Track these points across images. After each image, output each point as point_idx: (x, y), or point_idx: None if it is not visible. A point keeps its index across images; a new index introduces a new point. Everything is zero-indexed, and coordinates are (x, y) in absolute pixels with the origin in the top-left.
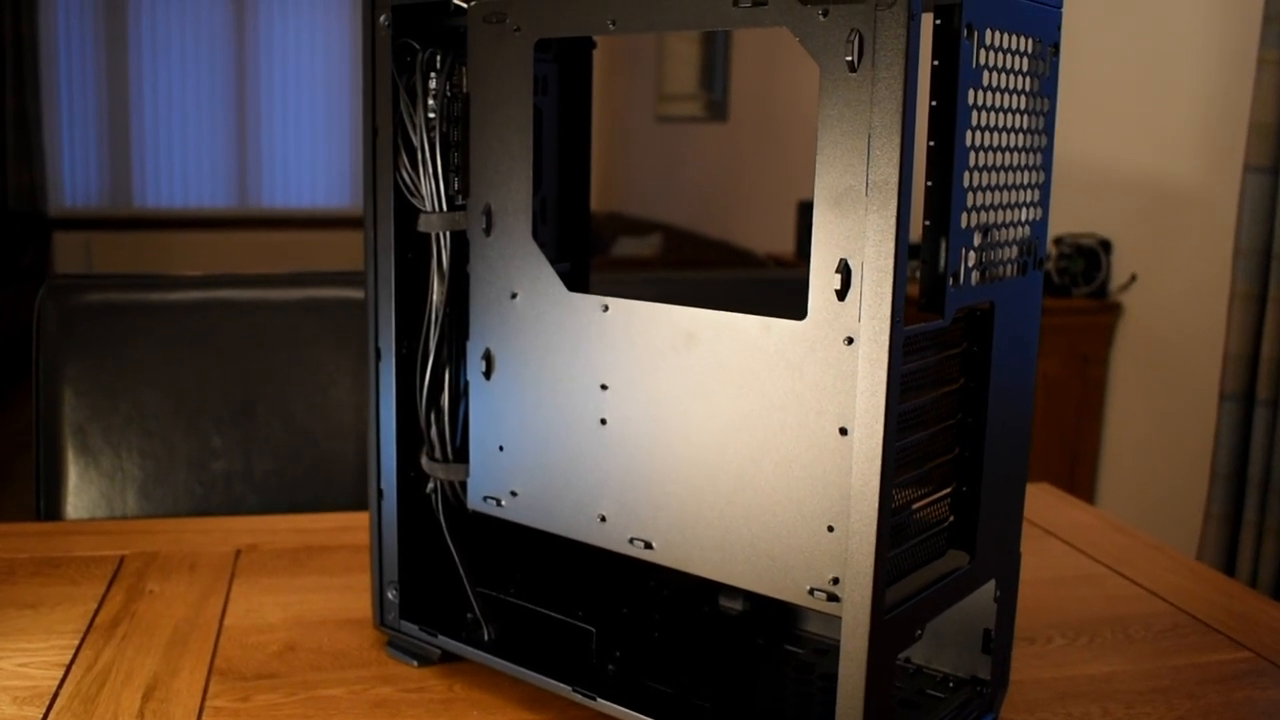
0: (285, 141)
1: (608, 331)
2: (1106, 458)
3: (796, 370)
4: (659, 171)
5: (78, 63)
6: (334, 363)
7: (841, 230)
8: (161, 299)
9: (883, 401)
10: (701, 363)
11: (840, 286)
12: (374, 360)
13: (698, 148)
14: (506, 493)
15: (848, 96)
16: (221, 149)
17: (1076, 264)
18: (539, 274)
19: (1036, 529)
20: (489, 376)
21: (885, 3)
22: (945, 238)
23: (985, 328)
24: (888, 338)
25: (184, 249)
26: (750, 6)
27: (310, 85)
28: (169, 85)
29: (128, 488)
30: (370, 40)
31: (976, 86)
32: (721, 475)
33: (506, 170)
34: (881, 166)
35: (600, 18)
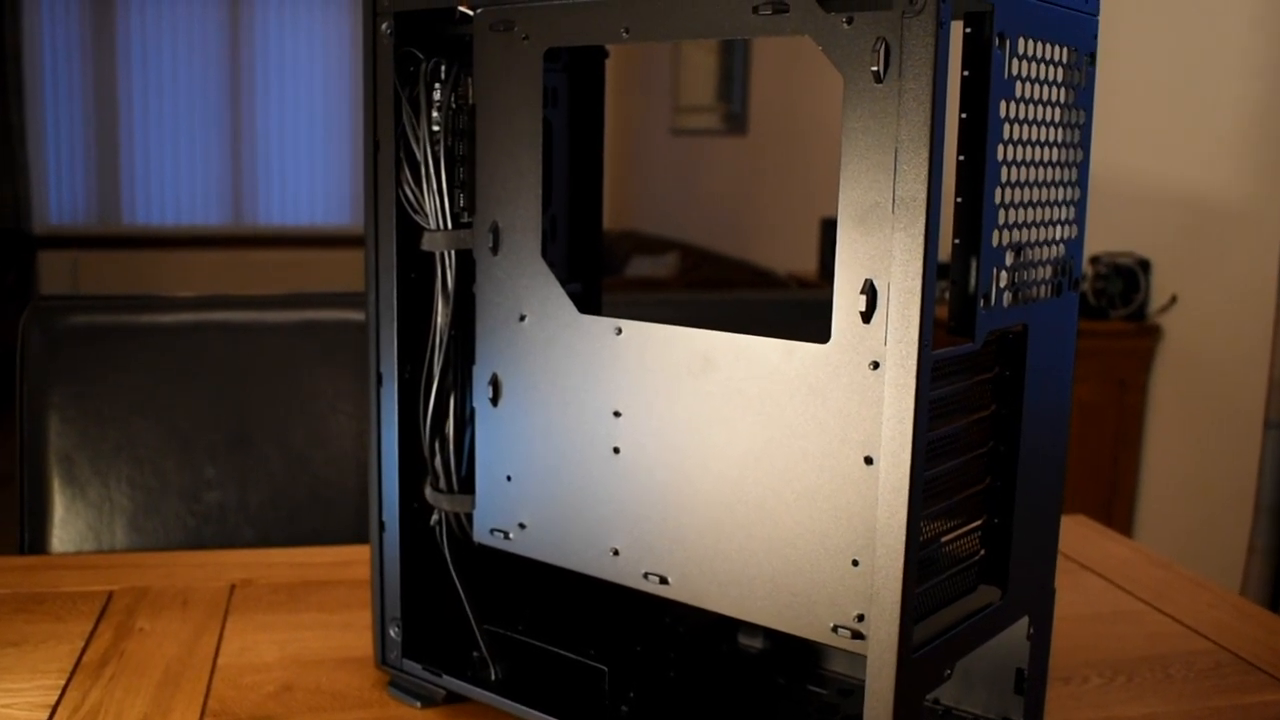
0: (282, 156)
1: (621, 355)
2: (1145, 488)
3: (819, 396)
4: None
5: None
6: (333, 388)
7: (867, 249)
8: (152, 321)
9: (910, 429)
10: (720, 388)
11: (865, 308)
12: (375, 386)
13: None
14: (514, 525)
15: (873, 108)
16: (215, 164)
17: (1114, 284)
18: (548, 295)
19: (1072, 563)
20: (496, 403)
21: (912, 10)
22: (976, 257)
23: (1018, 352)
24: (915, 362)
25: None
26: (770, 14)
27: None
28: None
29: (116, 519)
30: (371, 49)
31: (1009, 98)
32: (740, 506)
33: (514, 186)
34: (909, 182)
35: (613, 26)
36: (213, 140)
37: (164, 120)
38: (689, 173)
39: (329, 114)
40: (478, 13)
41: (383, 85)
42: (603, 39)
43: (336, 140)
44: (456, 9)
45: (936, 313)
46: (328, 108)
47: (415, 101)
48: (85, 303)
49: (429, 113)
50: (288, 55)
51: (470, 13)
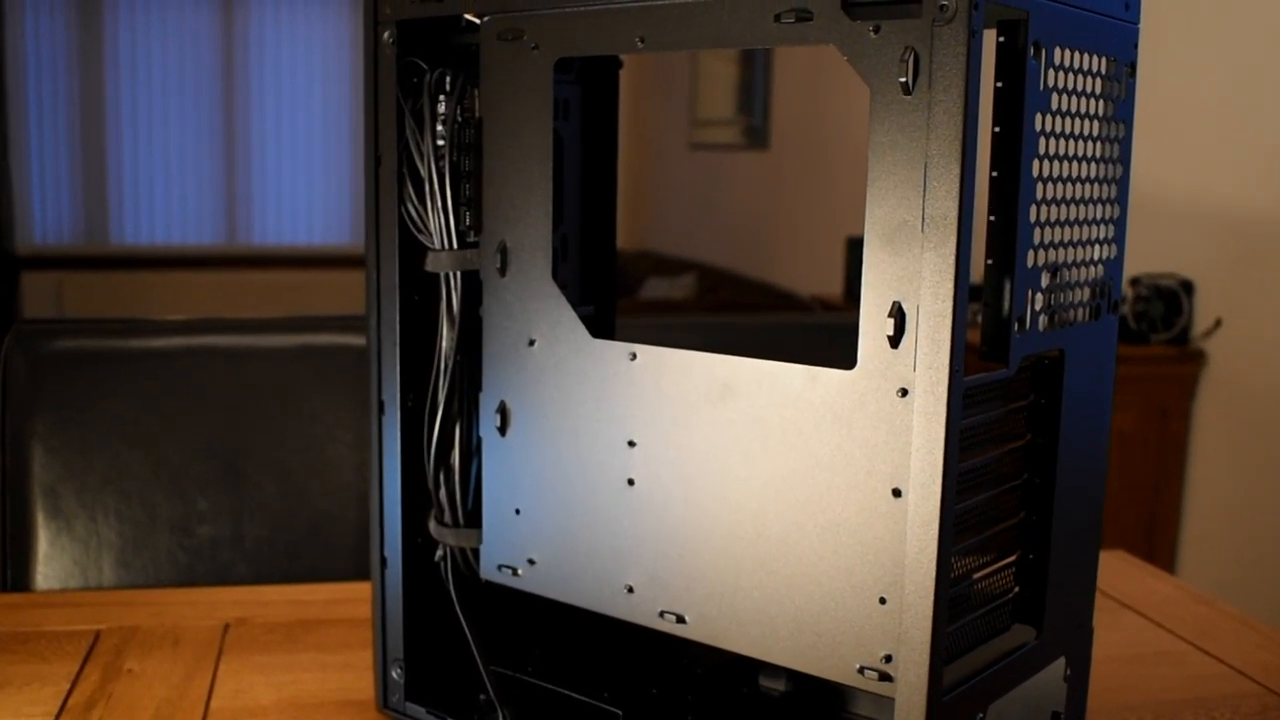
0: (279, 172)
1: (636, 382)
2: (1188, 522)
3: (845, 425)
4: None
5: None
6: (332, 416)
7: (895, 270)
8: (141, 346)
9: (940, 460)
10: (740, 417)
11: (893, 332)
12: (377, 414)
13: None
14: (523, 561)
15: (902, 121)
16: (208, 180)
17: (1155, 307)
18: (559, 318)
19: (1111, 601)
20: (504, 432)
21: (943, 17)
22: (1010, 278)
23: (1054, 378)
24: (946, 389)
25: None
26: (793, 22)
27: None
28: (150, 108)
29: (104, 555)
30: (372, 59)
31: (1044, 111)
32: (762, 541)
33: (523, 204)
34: (939, 199)
35: (628, 34)
36: (205, 155)
37: (154, 134)
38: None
39: (328, 127)
40: (485, 21)
41: (384, 97)
42: (616, 48)
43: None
44: (462, 17)
45: (968, 337)
46: (326, 121)
47: (419, 114)
48: (71, 326)
49: (433, 126)
50: (284, 65)
51: (477, 21)
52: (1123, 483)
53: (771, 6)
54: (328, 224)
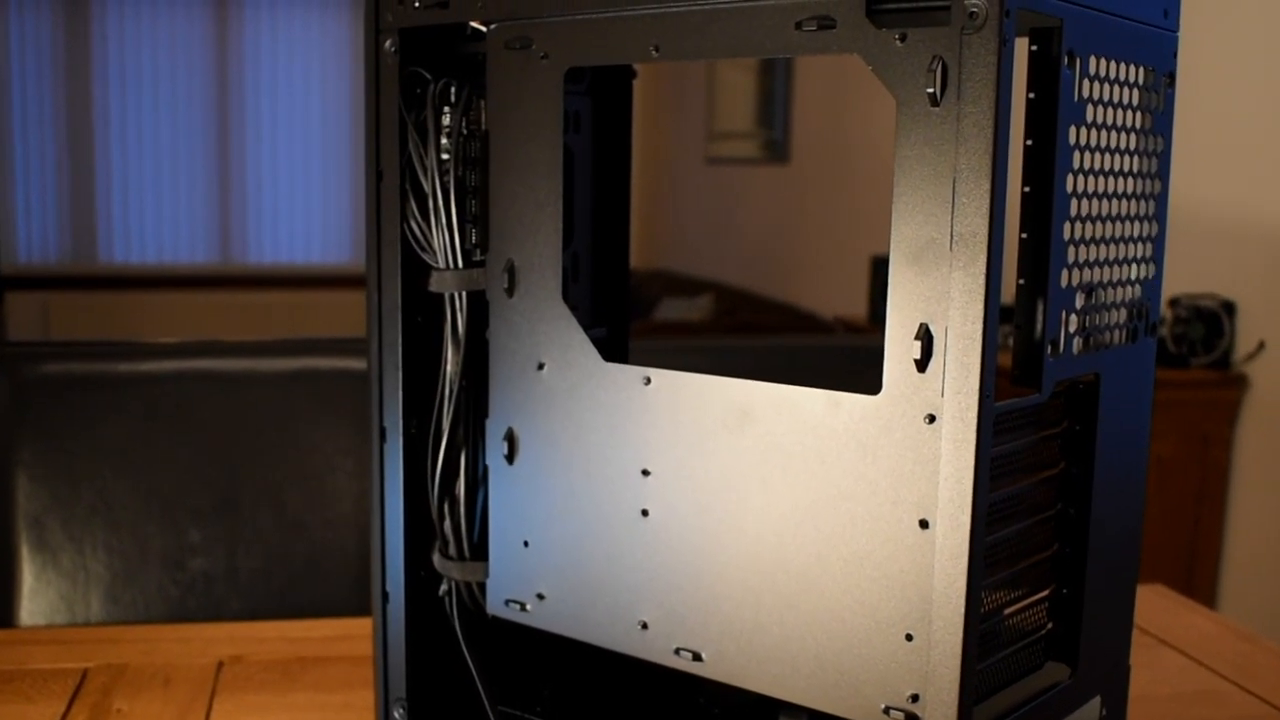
0: (275, 187)
1: (650, 408)
2: (1230, 555)
3: (869, 453)
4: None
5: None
6: (331, 444)
7: (922, 290)
8: (131, 370)
9: (969, 489)
10: (759, 444)
11: (920, 356)
12: (378, 441)
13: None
14: (532, 596)
15: (929, 134)
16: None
17: (1195, 330)
18: (570, 341)
19: (1148, 637)
20: (512, 460)
21: (972, 25)
22: (1042, 299)
23: (1089, 404)
24: (975, 415)
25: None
26: (815, 30)
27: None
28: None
29: (91, 589)
30: (374, 69)
31: (1079, 123)
32: (782, 575)
33: (532, 221)
34: (968, 216)
35: (641, 43)
36: (198, 169)
37: (144, 147)
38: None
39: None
40: (491, 29)
41: (386, 109)
42: (630, 57)
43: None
44: (468, 24)
45: (999, 361)
46: (325, 134)
47: (422, 127)
48: (57, 349)
49: (437, 139)
50: (281, 75)
51: (483, 29)
52: (1161, 513)
53: (793, 14)
54: (327, 242)
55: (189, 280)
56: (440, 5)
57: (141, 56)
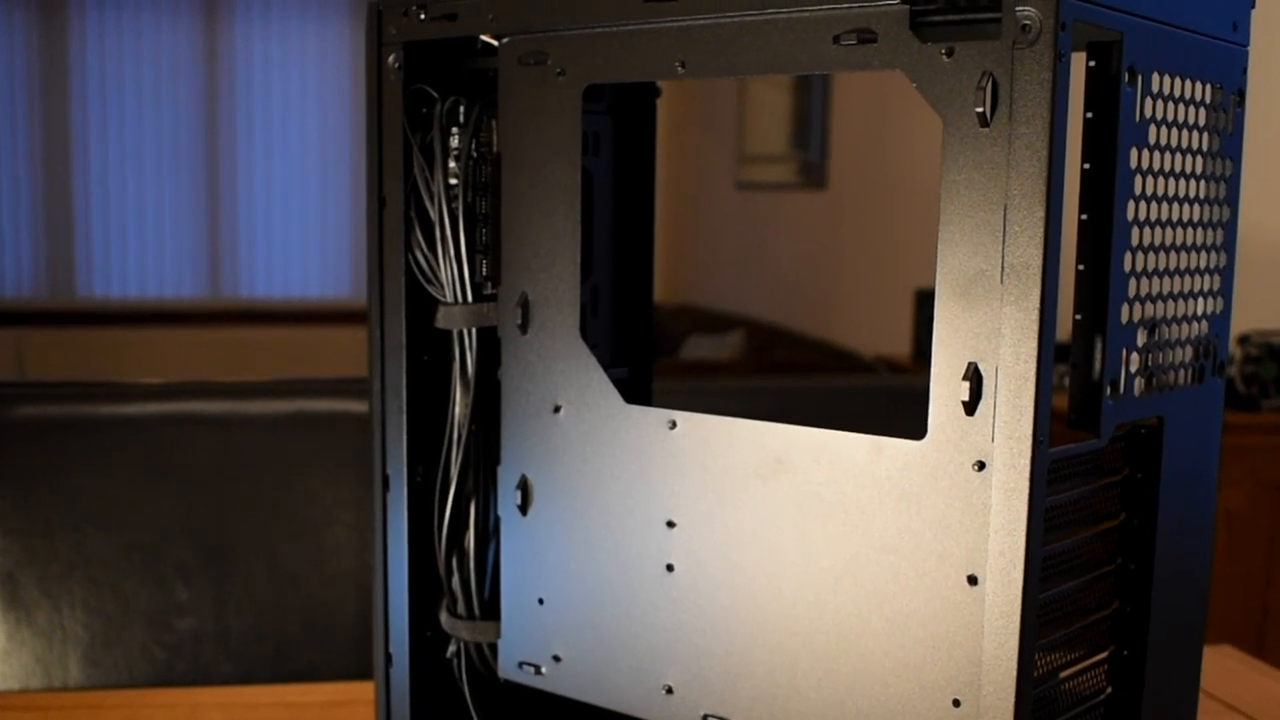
0: (269, 214)
1: (676, 454)
2: None
3: (914, 503)
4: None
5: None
6: (330, 494)
7: (970, 326)
8: (112, 413)
9: (1022, 542)
10: (794, 494)
11: (969, 397)
12: (380, 490)
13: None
14: (548, 657)
15: (978, 158)
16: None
17: (1267, 369)
18: (589, 382)
19: (1216, 702)
20: (525, 511)
21: (1025, 39)
22: (1101, 336)
23: (1152, 449)
24: (1028, 462)
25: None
26: (855, 44)
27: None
28: (122, 142)
29: (70, 651)
30: (376, 86)
31: (1140, 145)
32: (819, 635)
33: (548, 251)
34: (1021, 245)
35: (666, 58)
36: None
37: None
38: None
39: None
40: (503, 42)
41: (389, 129)
42: (653, 74)
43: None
44: (478, 38)
45: (1054, 403)
46: (323, 156)
47: (428, 149)
48: (32, 391)
49: (445, 163)
50: (275, 93)
51: (494, 42)
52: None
53: (831, 26)
54: (325, 274)
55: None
56: (448, 17)
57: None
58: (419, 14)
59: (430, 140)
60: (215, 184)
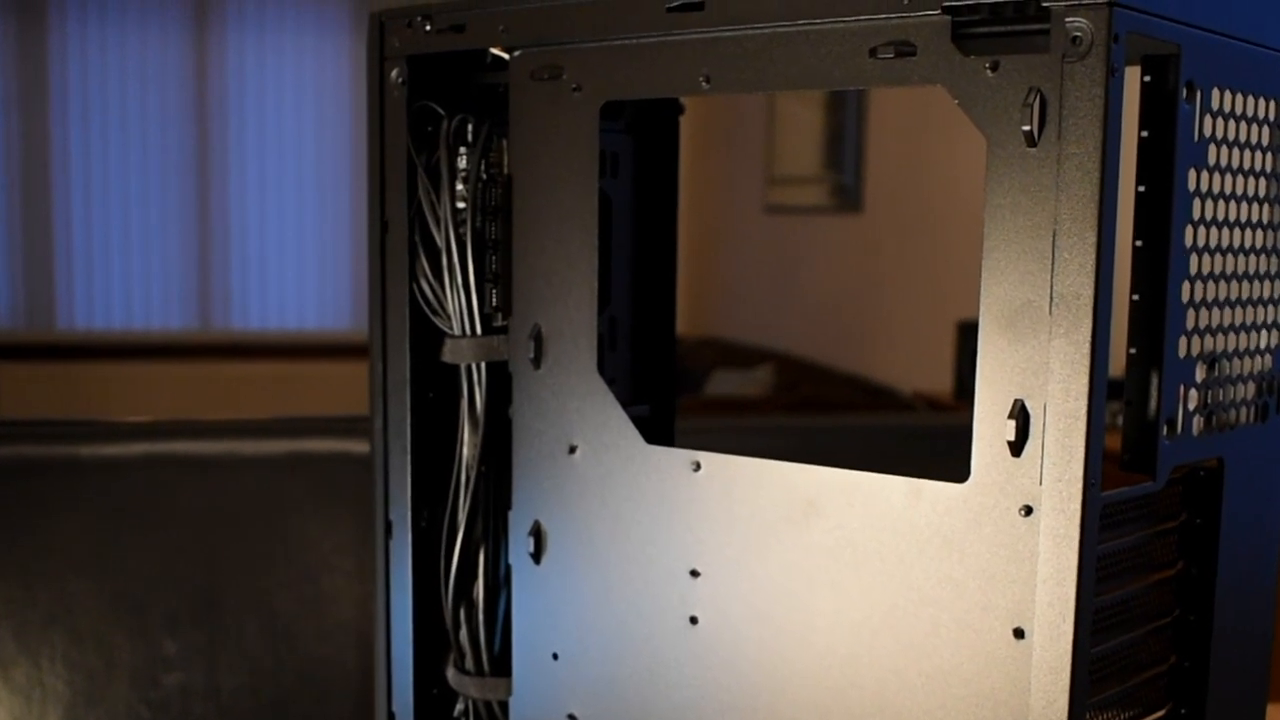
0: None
1: (700, 498)
2: None
3: (956, 550)
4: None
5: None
6: (329, 540)
7: (1017, 361)
8: (94, 454)
9: (1072, 593)
10: (827, 540)
11: (1015, 437)
12: (383, 537)
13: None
14: (563, 717)
15: (1025, 180)
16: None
17: None
18: (606, 420)
19: None
20: (539, 559)
21: (1076, 52)
22: (1157, 371)
23: (1211, 493)
24: (1079, 506)
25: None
26: (892, 57)
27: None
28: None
29: (49, 709)
30: (378, 103)
31: (1199, 166)
32: (853, 693)
33: (563, 280)
34: (1071, 274)
35: (690, 73)
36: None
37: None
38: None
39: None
40: (515, 56)
41: (392, 149)
42: (676, 90)
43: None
44: (488, 51)
45: (1106, 443)
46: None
47: (435, 170)
48: (7, 430)
49: (452, 185)
50: (270, 110)
51: (505, 55)
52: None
53: (866, 39)
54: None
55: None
56: (455, 29)
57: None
58: (424, 25)
59: (436, 161)
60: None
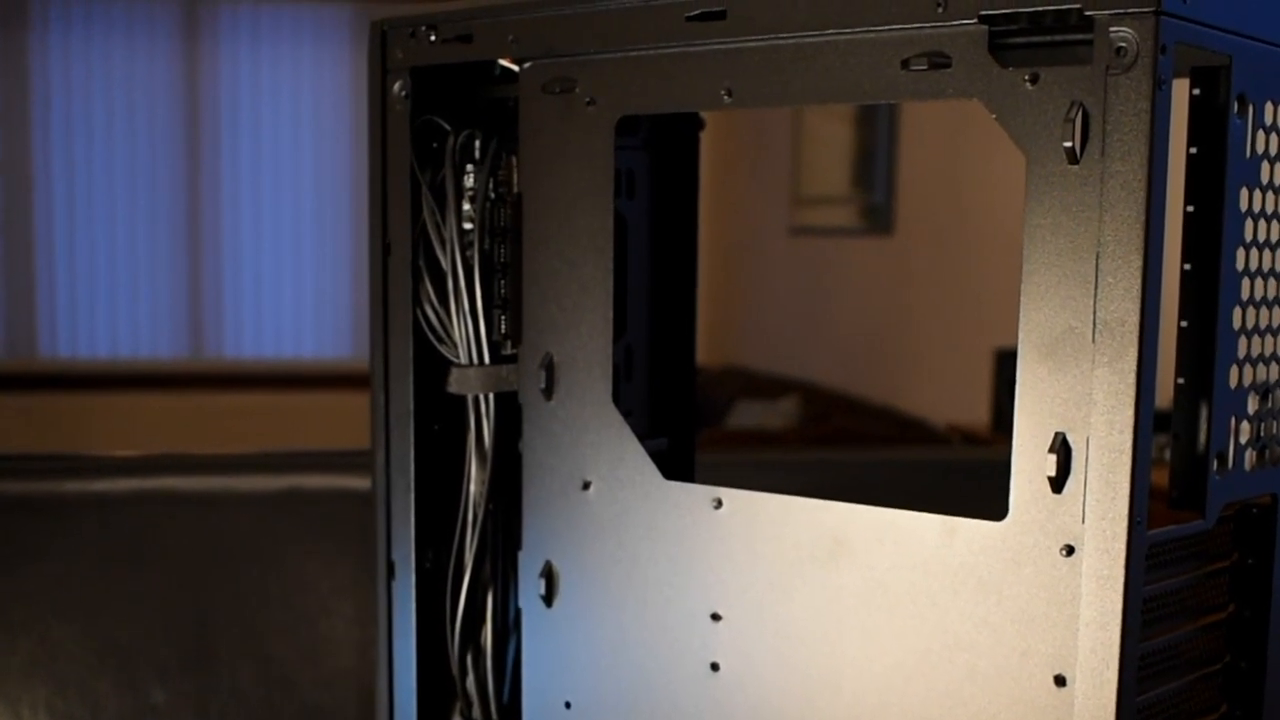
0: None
1: (721, 537)
2: None
3: (993, 592)
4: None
5: None
6: (327, 582)
7: (1058, 391)
8: (80, 490)
9: (1117, 638)
10: (856, 582)
11: (1056, 472)
12: (385, 579)
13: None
14: None
15: (1067, 199)
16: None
17: None
18: (622, 454)
19: None
20: (550, 602)
21: (1120, 63)
22: (1207, 402)
23: (1265, 531)
24: (1123, 546)
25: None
26: (926, 70)
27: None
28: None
29: None
30: (380, 118)
31: (1252, 185)
32: None
33: (575, 306)
34: (1115, 299)
35: (710, 86)
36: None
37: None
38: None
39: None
40: (525, 67)
41: (395, 167)
42: (697, 104)
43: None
44: (496, 62)
45: (1153, 479)
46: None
47: (440, 189)
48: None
49: (458, 205)
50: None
51: (515, 67)
52: None
53: (898, 49)
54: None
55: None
56: (462, 39)
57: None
58: (429, 35)
59: (442, 179)
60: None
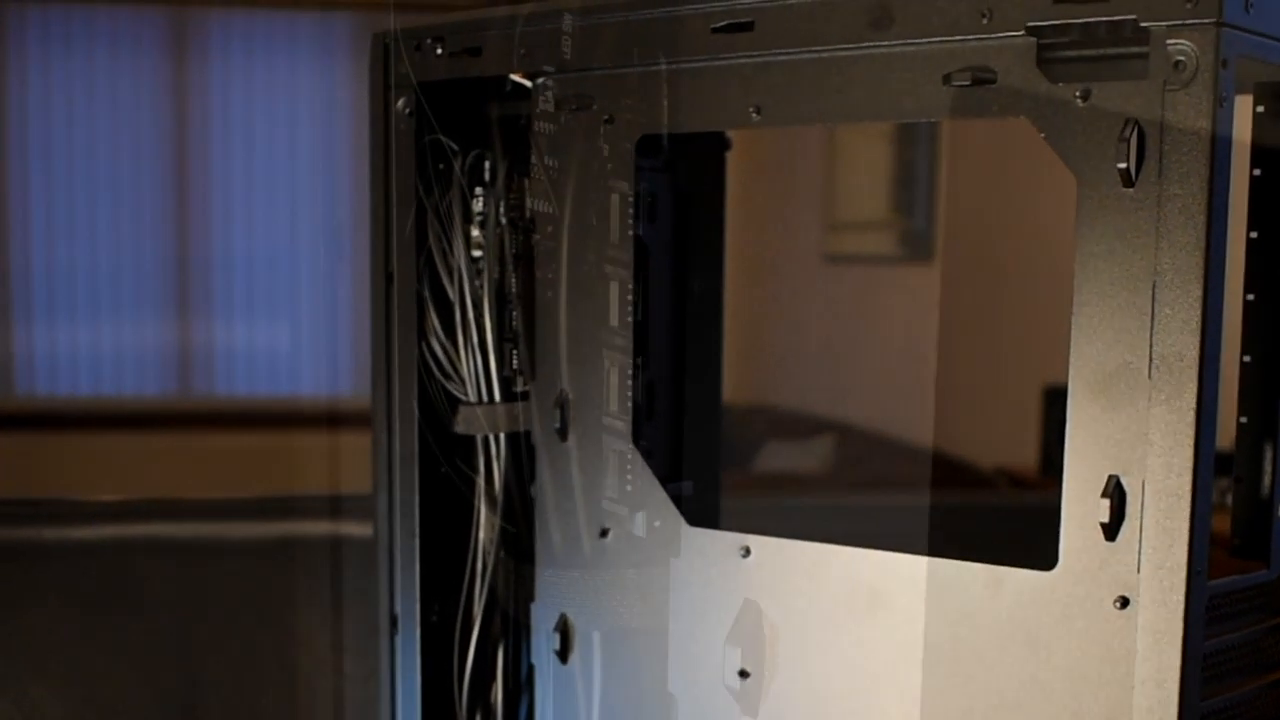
0: (250, 296)
1: (750, 587)
2: None
3: (1042, 647)
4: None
5: None
6: (325, 637)
7: (1112, 432)
8: (59, 537)
9: (1175, 696)
10: (895, 635)
11: (1109, 518)
12: (388, 633)
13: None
14: None
15: (1121, 225)
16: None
17: None
18: (643, 499)
19: None
20: (565, 658)
21: (1179, 79)
22: (1271, 443)
23: None
24: (1182, 598)
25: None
26: (969, 85)
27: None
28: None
29: None
30: (383, 137)
31: None
32: None
33: (592, 339)
34: (1173, 332)
35: (738, 103)
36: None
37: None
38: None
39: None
40: (539, 83)
41: (399, 190)
42: (723, 122)
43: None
44: (507, 78)
45: (1214, 525)
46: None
47: (447, 214)
48: None
49: (467, 230)
50: (259, 146)
51: (527, 83)
52: None
53: (939, 63)
54: (318, 368)
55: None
56: (470, 52)
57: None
58: (435, 48)
59: (449, 203)
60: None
